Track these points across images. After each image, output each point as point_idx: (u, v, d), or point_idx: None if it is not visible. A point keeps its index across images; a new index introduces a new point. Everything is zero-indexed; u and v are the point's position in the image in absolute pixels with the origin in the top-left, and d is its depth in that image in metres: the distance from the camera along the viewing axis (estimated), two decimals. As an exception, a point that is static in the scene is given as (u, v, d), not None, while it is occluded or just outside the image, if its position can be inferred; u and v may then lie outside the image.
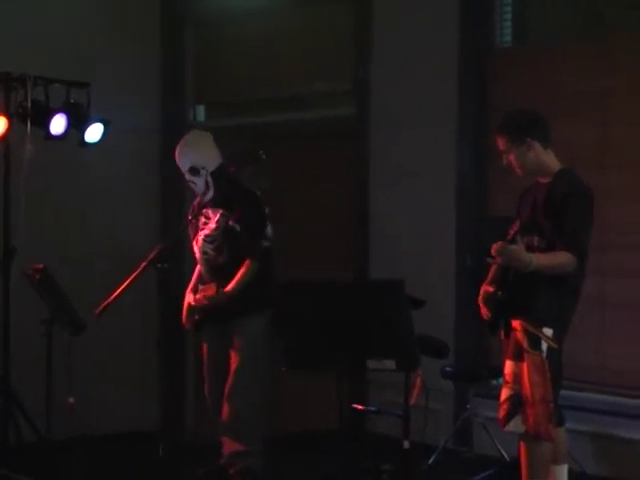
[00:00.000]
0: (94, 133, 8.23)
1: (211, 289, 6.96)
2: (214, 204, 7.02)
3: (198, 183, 7.01)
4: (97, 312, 6.31)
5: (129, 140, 8.92)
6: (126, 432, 8.42)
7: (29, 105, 7.97)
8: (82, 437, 7.82)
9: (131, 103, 9.05)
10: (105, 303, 6.31)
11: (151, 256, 6.36)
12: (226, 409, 7.00)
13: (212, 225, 7.02)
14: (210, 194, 7.02)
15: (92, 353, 8.26)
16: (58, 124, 8.05)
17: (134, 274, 6.33)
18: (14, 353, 7.89)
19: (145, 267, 6.37)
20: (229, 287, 6.89)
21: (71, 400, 6.93)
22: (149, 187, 9.44)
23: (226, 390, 6.99)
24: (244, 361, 6.92)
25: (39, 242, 8.13)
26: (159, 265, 6.32)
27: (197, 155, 7.02)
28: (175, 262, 8.15)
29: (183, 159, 7.07)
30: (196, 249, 7.13)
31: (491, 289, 5.83)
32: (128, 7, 9.29)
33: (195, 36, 9.86)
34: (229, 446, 7.02)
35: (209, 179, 6.96)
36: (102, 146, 8.31)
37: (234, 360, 6.99)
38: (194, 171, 6.99)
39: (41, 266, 6.90)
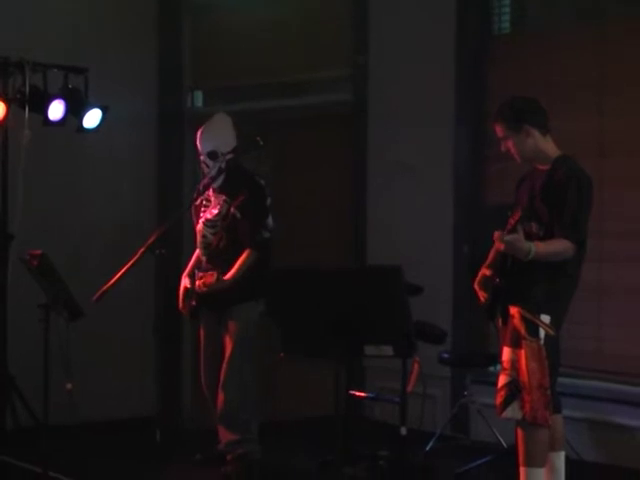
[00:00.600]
0: (92, 119, 8.23)
1: (211, 276, 6.96)
2: (218, 189, 7.02)
3: (212, 167, 6.99)
4: (94, 298, 6.30)
5: (127, 126, 8.92)
6: (124, 418, 8.43)
7: (27, 91, 7.97)
8: (80, 423, 7.83)
9: (129, 89, 9.06)
10: (103, 289, 6.30)
11: (149, 242, 6.35)
12: (220, 397, 7.00)
13: (214, 210, 7.03)
14: (220, 180, 7.01)
15: (90, 339, 8.27)
16: (56, 110, 8.04)
17: (132, 260, 6.32)
18: (12, 338, 7.90)
19: (143, 253, 6.36)
20: (228, 275, 6.90)
21: (69, 386, 6.92)
22: (146, 173, 9.43)
23: (220, 378, 6.99)
24: (237, 349, 6.93)
25: (37, 228, 8.14)
26: (157, 251, 6.31)
27: (219, 140, 7.03)
28: (173, 248, 8.16)
29: (204, 142, 7.07)
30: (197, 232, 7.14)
31: (488, 273, 5.83)
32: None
33: (192, 22, 9.84)
34: (224, 435, 7.03)
35: (223, 165, 6.95)
36: (100, 132, 8.32)
37: (228, 348, 7.00)
38: (213, 155, 6.99)
39: (39, 252, 6.88)
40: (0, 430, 7.75)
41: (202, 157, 7.07)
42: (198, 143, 7.11)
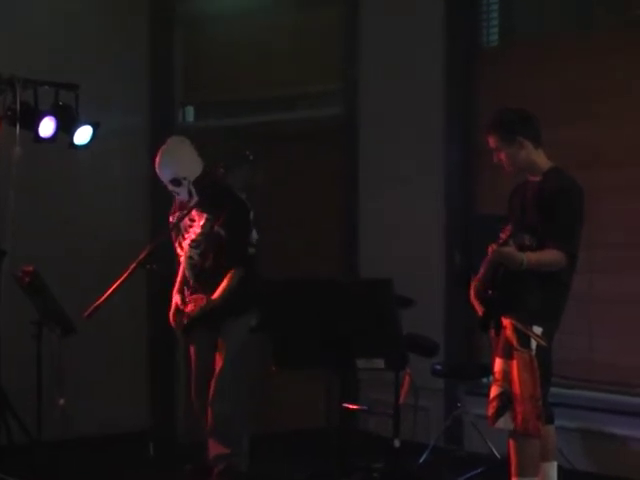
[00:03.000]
0: (83, 135, 8.19)
1: (201, 300, 6.95)
2: (200, 207, 6.99)
3: (181, 192, 6.98)
4: (86, 315, 6.27)
5: (119, 142, 8.90)
6: (117, 432, 8.39)
7: (18, 107, 7.95)
8: (73, 437, 7.81)
9: (120, 105, 9.04)
10: (94, 305, 6.28)
11: (140, 257, 6.34)
12: (210, 412, 6.99)
13: (197, 230, 7.01)
14: (194, 200, 6.98)
15: (82, 354, 8.22)
16: (47, 127, 8.01)
17: (124, 275, 6.30)
18: (4, 354, 7.86)
19: (135, 268, 6.34)
20: (216, 294, 6.90)
21: (61, 401, 6.91)
22: (138, 189, 9.40)
23: (210, 393, 6.98)
24: (227, 364, 6.93)
25: (29, 244, 8.10)
26: (148, 266, 6.30)
27: (178, 166, 6.97)
28: (165, 263, 8.13)
29: (164, 171, 7.02)
30: (181, 253, 7.11)
31: (481, 286, 5.82)
32: (116, 9, 9.27)
33: (183, 37, 9.84)
34: (214, 448, 7.02)
35: (191, 188, 6.93)
36: (92, 148, 8.28)
37: (218, 363, 6.99)
38: (176, 182, 6.95)
39: (31, 268, 6.87)
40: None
41: (169, 187, 7.04)
42: (157, 172, 7.06)
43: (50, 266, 7.35)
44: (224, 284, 6.89)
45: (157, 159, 7.09)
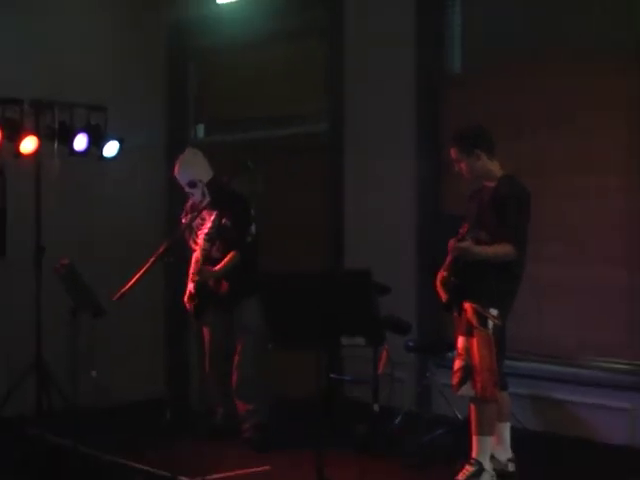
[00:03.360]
0: (111, 149, 8.25)
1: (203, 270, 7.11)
2: (209, 207, 7.07)
3: (196, 193, 7.14)
4: (115, 298, 6.29)
5: (140, 154, 8.90)
6: (139, 400, 8.39)
7: (56, 126, 7.98)
8: (103, 405, 7.81)
9: (141, 123, 9.03)
10: (121, 291, 6.28)
11: (159, 251, 6.35)
12: (235, 377, 7.14)
13: (209, 224, 7.13)
14: (206, 201, 7.07)
15: (110, 333, 8.23)
16: (80, 142, 8.07)
17: (145, 266, 6.30)
18: (46, 334, 7.88)
19: (154, 261, 6.35)
20: (216, 267, 7.09)
21: (93, 373, 6.92)
22: (157, 194, 9.41)
23: (235, 364, 7.11)
24: (250, 338, 7.03)
25: (65, 241, 8.13)
26: (166, 259, 6.32)
27: (193, 171, 7.16)
28: (179, 256, 8.14)
29: (182, 175, 7.21)
30: (196, 247, 7.17)
31: (446, 274, 5.85)
32: (139, 42, 9.28)
33: (195, 66, 9.84)
34: (241, 407, 7.18)
35: (205, 189, 7.06)
36: (117, 160, 8.31)
37: (240, 339, 7.12)
38: (192, 184, 7.13)
39: (66, 261, 6.88)
40: (37, 411, 7.72)
41: (186, 189, 7.22)
42: (177, 177, 7.18)
43: (82, 259, 7.36)
44: (224, 261, 7.07)
45: (176, 166, 7.21)
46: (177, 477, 6.10)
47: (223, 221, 7.08)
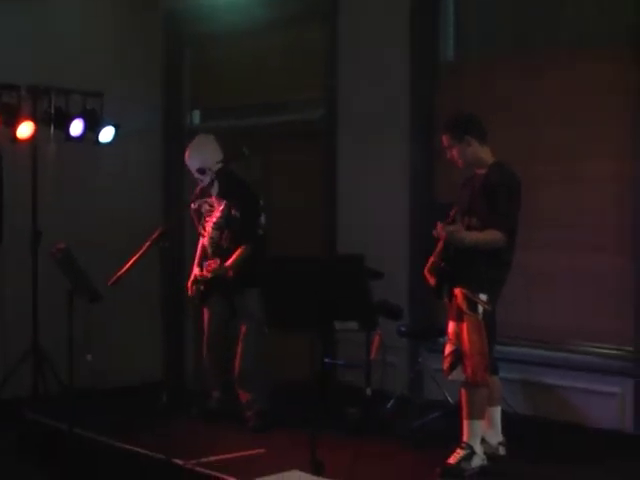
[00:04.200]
0: (106, 135, 8.26)
1: (214, 263, 7.11)
2: (218, 196, 7.11)
3: (205, 180, 7.13)
4: (109, 283, 6.33)
5: (136, 140, 8.91)
6: (135, 383, 8.42)
7: (52, 112, 7.99)
8: (98, 388, 7.84)
9: (137, 109, 9.02)
10: (117, 275, 6.32)
11: (154, 236, 6.38)
12: (237, 367, 7.18)
13: (217, 214, 7.16)
14: (216, 189, 7.10)
15: (106, 317, 8.25)
16: (76, 127, 8.08)
17: (141, 251, 6.34)
18: (42, 318, 7.91)
19: (150, 246, 6.39)
20: (228, 262, 7.06)
21: (89, 357, 6.94)
22: (152, 179, 9.43)
23: (238, 352, 7.16)
24: (252, 326, 7.06)
25: (62, 226, 8.14)
26: (161, 244, 6.35)
27: (203, 158, 7.13)
28: (175, 241, 8.19)
29: (191, 161, 7.20)
30: (204, 233, 7.21)
31: (436, 260, 5.87)
32: (135, 27, 9.27)
33: (191, 52, 9.83)
34: (243, 396, 7.23)
35: (214, 177, 7.04)
36: (113, 145, 8.33)
37: (243, 326, 7.16)
38: (201, 171, 7.13)
39: (62, 246, 6.90)
40: (33, 394, 7.75)
41: (195, 175, 7.18)
42: (187, 163, 7.18)
43: (78, 244, 7.38)
44: (235, 255, 7.06)
45: (187, 151, 7.19)
46: (172, 460, 6.13)
47: (232, 212, 7.10)
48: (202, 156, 7.12)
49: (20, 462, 6.79)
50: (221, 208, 7.14)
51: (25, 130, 7.85)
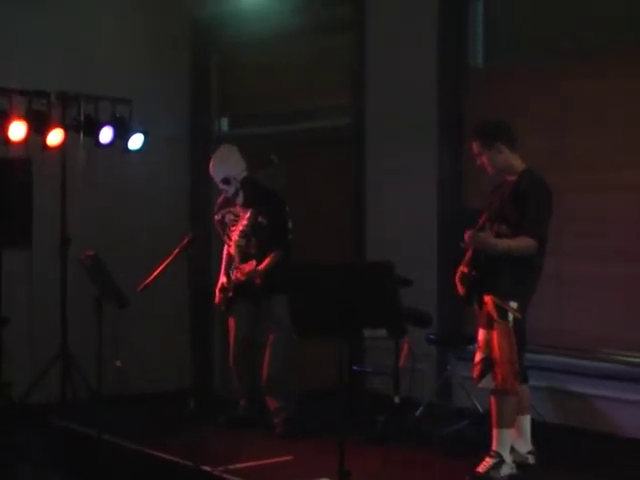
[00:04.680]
0: (136, 142, 8.27)
1: (249, 265, 7.05)
2: (243, 204, 7.08)
3: (230, 190, 7.11)
4: (139, 289, 6.33)
5: (164, 147, 8.93)
6: (163, 390, 8.40)
7: (82, 119, 8.00)
8: (127, 394, 7.84)
9: (166, 116, 9.05)
10: (146, 282, 6.32)
11: (183, 243, 6.37)
12: (265, 374, 7.15)
13: (244, 222, 7.13)
14: (241, 198, 7.08)
15: (135, 324, 8.25)
16: (106, 134, 8.10)
17: (169, 258, 6.33)
18: (71, 325, 7.92)
19: (178, 253, 6.38)
20: (261, 266, 7.04)
21: (118, 363, 6.94)
22: (180, 186, 9.44)
23: (265, 359, 7.14)
24: (281, 333, 6.99)
25: (91, 232, 8.15)
26: (189, 251, 6.33)
27: (227, 168, 7.13)
28: (202, 248, 8.18)
29: (216, 172, 7.18)
30: (230, 243, 7.18)
31: (466, 269, 5.83)
32: (163, 36, 9.30)
33: (219, 60, 9.85)
34: (271, 403, 7.20)
35: (238, 186, 7.02)
36: (142, 152, 8.33)
37: (270, 334, 7.13)
38: (226, 181, 7.12)
39: (92, 252, 6.89)
40: (62, 400, 7.75)
41: (220, 185, 7.18)
42: (211, 173, 7.17)
43: (107, 250, 7.37)
44: (267, 260, 7.05)
45: (211, 162, 7.18)
46: (200, 467, 6.11)
47: (259, 219, 7.08)
48: (226, 166, 7.12)
49: (48, 468, 6.79)
50: (247, 216, 7.12)
51: (55, 137, 7.87)
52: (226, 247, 7.34)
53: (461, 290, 5.85)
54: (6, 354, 7.71)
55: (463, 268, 5.85)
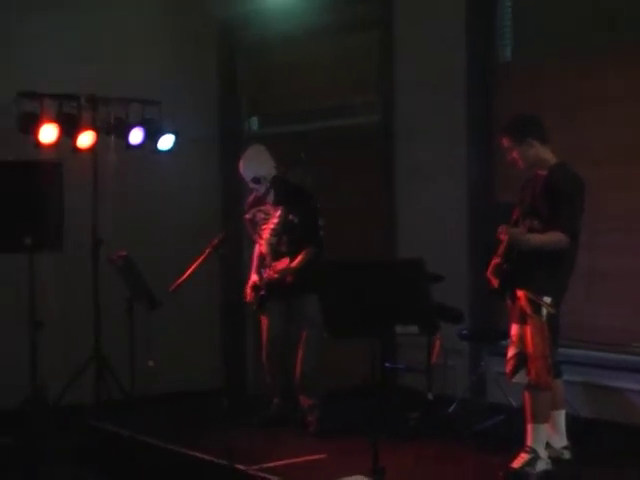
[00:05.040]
0: (166, 142, 8.29)
1: (282, 263, 7.03)
2: (274, 203, 7.08)
3: (260, 189, 7.10)
4: (171, 289, 6.34)
5: (194, 148, 8.94)
6: (197, 389, 8.42)
7: (112, 121, 8.03)
8: (160, 394, 7.85)
9: (196, 117, 9.07)
10: (177, 282, 6.32)
11: (214, 243, 6.37)
12: (298, 372, 7.13)
13: (275, 220, 7.12)
14: (272, 196, 7.10)
15: (167, 324, 8.25)
16: (136, 136, 8.12)
17: (201, 258, 6.33)
18: (104, 325, 7.94)
19: (209, 252, 6.38)
20: (294, 263, 7.01)
21: (151, 363, 6.95)
22: (211, 186, 9.45)
23: (299, 357, 7.12)
24: (313, 331, 6.97)
25: (122, 233, 8.18)
26: (220, 251, 6.33)
27: (257, 168, 7.11)
28: (234, 248, 8.17)
29: (246, 171, 7.16)
30: (261, 241, 7.17)
31: (499, 262, 5.79)
32: (190, 37, 9.33)
33: (246, 60, 9.86)
34: (304, 402, 7.18)
35: (268, 185, 7.03)
36: (172, 153, 8.34)
37: (303, 333, 7.10)
38: (256, 180, 7.10)
39: (124, 253, 6.92)
40: (96, 400, 7.77)
41: (250, 184, 7.17)
42: (241, 172, 7.17)
43: (139, 251, 7.40)
44: (300, 258, 7.02)
45: (241, 162, 7.18)
46: (235, 465, 6.10)
47: (290, 217, 7.06)
48: (256, 165, 7.12)
49: (83, 469, 6.81)
50: (278, 214, 7.10)
51: (85, 140, 7.90)
52: (257, 246, 7.34)
53: (494, 282, 5.82)
54: (41, 357, 7.73)
55: (496, 260, 5.81)
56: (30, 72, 8.06)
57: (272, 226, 7.14)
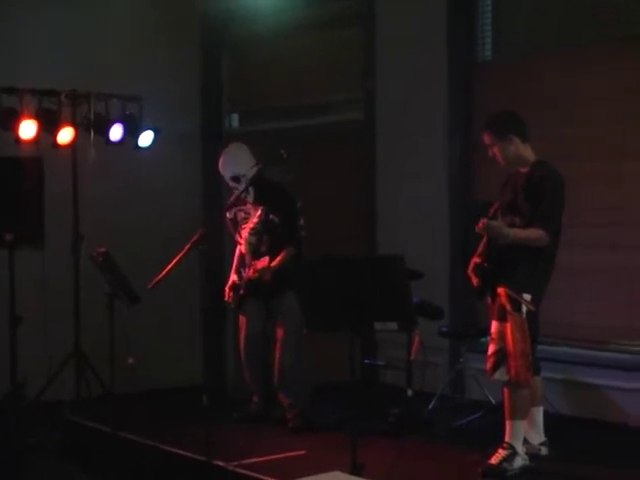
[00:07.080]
0: (146, 139, 8.23)
1: (262, 262, 6.96)
2: (254, 202, 7.02)
3: (240, 188, 6.99)
4: (150, 286, 6.27)
5: (175, 144, 8.88)
6: (176, 386, 8.37)
7: (92, 117, 7.97)
8: (140, 390, 7.80)
9: (177, 113, 9.02)
10: (157, 278, 6.27)
11: (194, 239, 6.32)
12: (277, 369, 7.09)
13: (255, 219, 7.04)
14: (251, 195, 7.03)
15: (146, 321, 8.20)
16: (116, 132, 8.06)
17: (180, 254, 6.27)
18: (83, 321, 7.88)
19: (189, 249, 6.32)
20: (274, 263, 6.95)
21: (130, 360, 6.89)
22: (191, 183, 9.41)
23: (277, 356, 7.06)
24: (292, 329, 6.94)
25: (102, 229, 8.12)
26: (200, 247, 6.28)
27: (237, 166, 7.04)
28: (213, 244, 8.12)
29: (225, 170, 7.10)
30: (241, 240, 7.13)
31: (478, 260, 5.77)
32: (172, 31, 9.27)
33: (229, 56, 9.83)
34: (284, 399, 7.13)
35: (248, 184, 6.93)
36: (152, 149, 8.28)
37: (281, 330, 7.05)
38: (235, 179, 7.03)
39: (103, 249, 6.86)
40: (76, 397, 7.72)
41: (230, 183, 7.10)
42: (220, 171, 7.10)
43: (119, 247, 7.35)
44: (281, 257, 6.97)
45: (220, 160, 7.12)
46: (213, 461, 6.07)
47: (270, 216, 6.99)
48: (235, 164, 7.05)
49: (63, 464, 6.76)
50: (258, 214, 7.04)
51: (65, 135, 7.84)
52: (238, 246, 7.28)
53: (475, 281, 5.79)
54: (20, 353, 7.67)
55: (476, 259, 5.79)
56: (9, 68, 7.99)
57: (252, 225, 7.07)
